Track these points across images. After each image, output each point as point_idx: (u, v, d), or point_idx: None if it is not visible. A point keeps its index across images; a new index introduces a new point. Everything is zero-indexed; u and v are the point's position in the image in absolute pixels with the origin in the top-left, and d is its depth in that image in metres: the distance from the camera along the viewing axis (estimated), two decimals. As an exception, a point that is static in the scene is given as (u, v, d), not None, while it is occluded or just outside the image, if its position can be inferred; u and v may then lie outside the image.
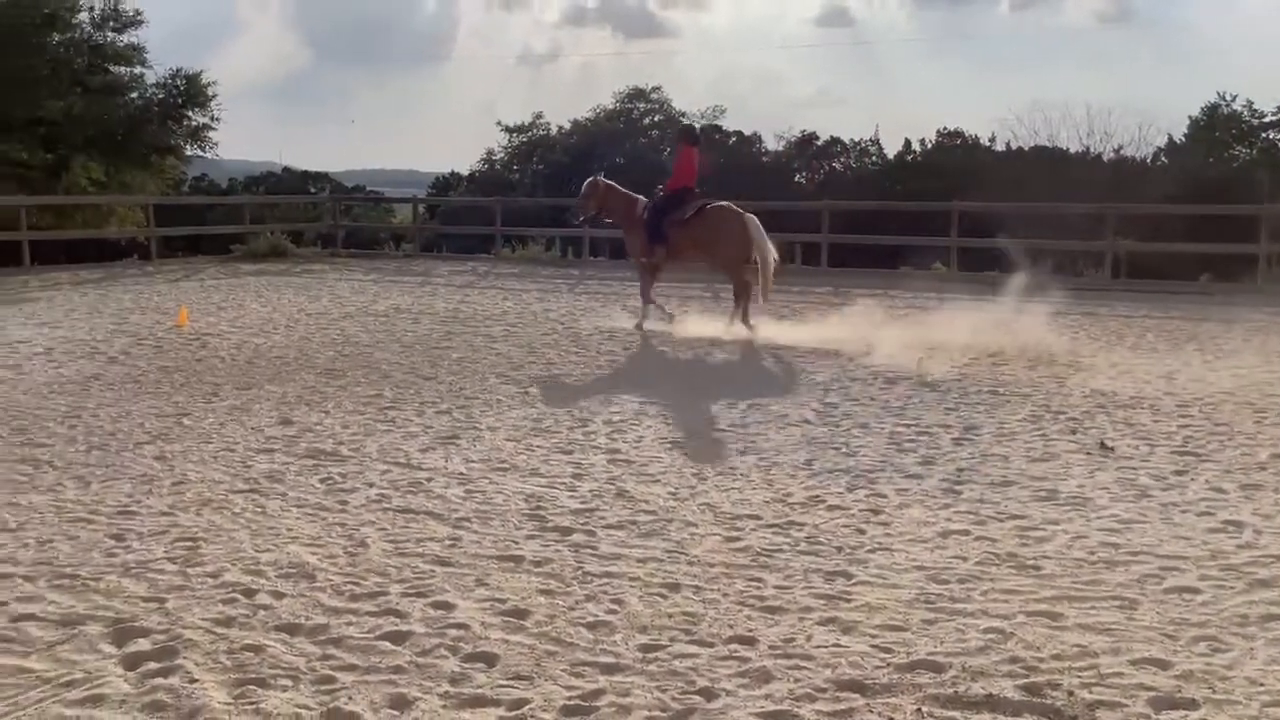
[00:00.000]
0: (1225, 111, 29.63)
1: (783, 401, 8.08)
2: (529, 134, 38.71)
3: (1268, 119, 29.27)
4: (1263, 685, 3.45)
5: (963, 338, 10.67)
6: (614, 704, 3.34)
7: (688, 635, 3.85)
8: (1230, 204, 19.46)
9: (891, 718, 3.28)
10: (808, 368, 9.54)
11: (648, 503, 5.47)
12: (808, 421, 7.42)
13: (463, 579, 4.40)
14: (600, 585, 4.32)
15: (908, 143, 34.62)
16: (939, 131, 34.46)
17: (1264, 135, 29.64)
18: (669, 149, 13.65)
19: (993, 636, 3.82)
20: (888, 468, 6.19)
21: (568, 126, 38.15)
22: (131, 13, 22.98)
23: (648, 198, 12.29)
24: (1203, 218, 19.88)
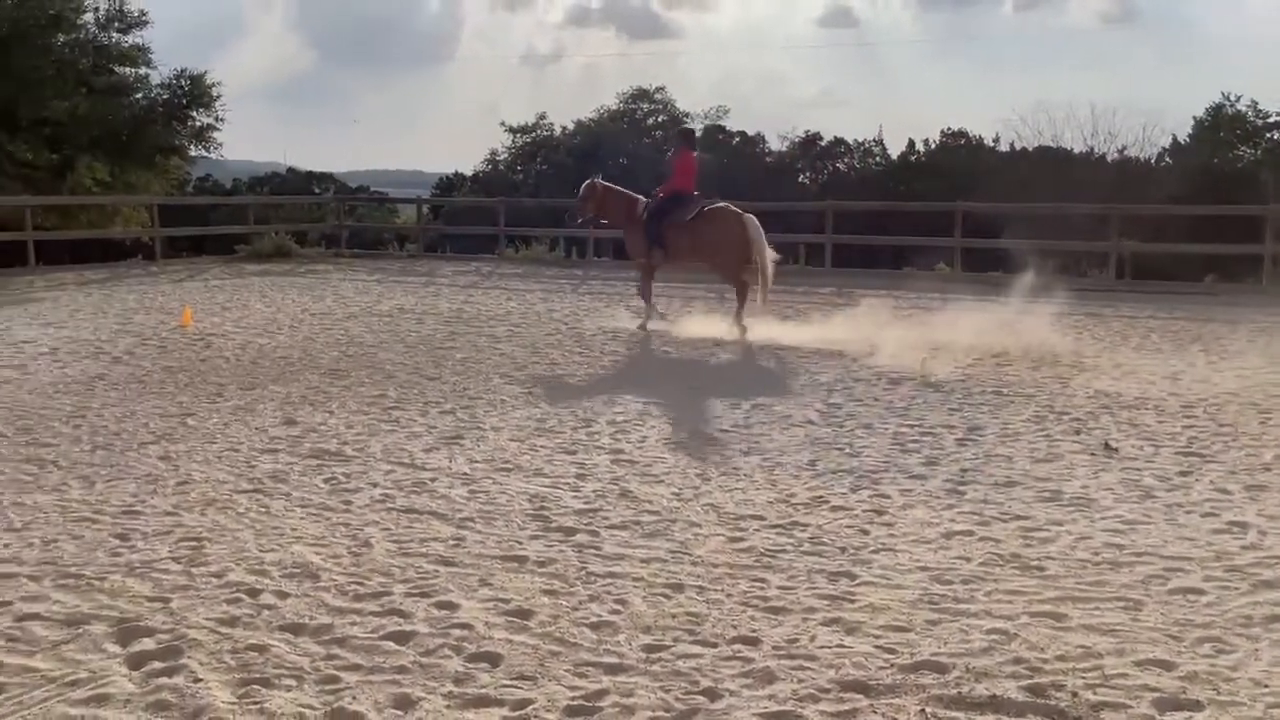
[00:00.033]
0: (1230, 112, 29.57)
1: (786, 402, 8.08)
2: (533, 134, 38.73)
3: (1272, 119, 29.21)
4: (1267, 686, 3.45)
5: (967, 338, 10.65)
6: (617, 704, 3.34)
7: (691, 636, 3.85)
8: (1235, 204, 19.44)
9: (895, 718, 3.28)
10: (811, 368, 9.53)
11: (651, 503, 5.48)
12: (811, 422, 7.41)
13: (466, 579, 4.41)
14: (604, 585, 4.33)
15: (911, 143, 34.61)
16: (943, 132, 34.47)
17: (1269, 135, 29.57)
18: (671, 149, 13.65)
19: (996, 637, 3.82)
20: (891, 468, 6.19)
21: (571, 127, 38.17)
22: (136, 13, 23.05)
23: (648, 199, 12.30)
24: (1207, 218, 19.85)
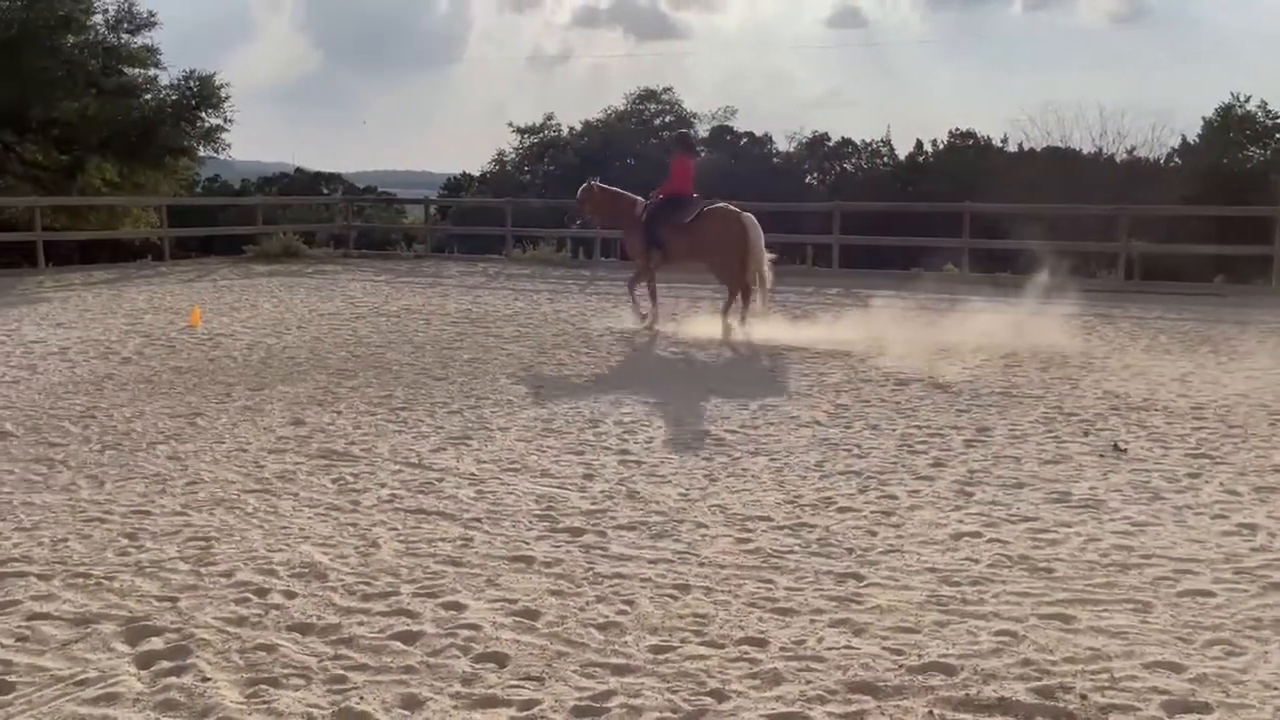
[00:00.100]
0: (1239, 112, 29.48)
1: (794, 403, 8.07)
2: (540, 135, 38.80)
3: (1283, 119, 29.10)
4: (1277, 689, 3.43)
5: (975, 339, 10.64)
6: (625, 705, 3.34)
7: (698, 636, 3.84)
8: (1245, 205, 19.37)
9: (903, 720, 3.27)
10: (819, 369, 9.52)
11: (659, 504, 5.47)
12: (819, 423, 7.40)
13: (474, 579, 4.41)
14: (611, 586, 4.33)
15: (919, 144, 34.62)
16: (951, 132, 34.48)
17: (1278, 136, 29.46)
18: (671, 153, 13.69)
19: (1005, 639, 3.81)
20: (899, 469, 6.18)
21: (579, 127, 38.23)
22: (145, 14, 23.09)
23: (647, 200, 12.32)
24: (1217, 219, 19.80)
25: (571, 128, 38.38)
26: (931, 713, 3.30)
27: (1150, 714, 3.29)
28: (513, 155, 39.27)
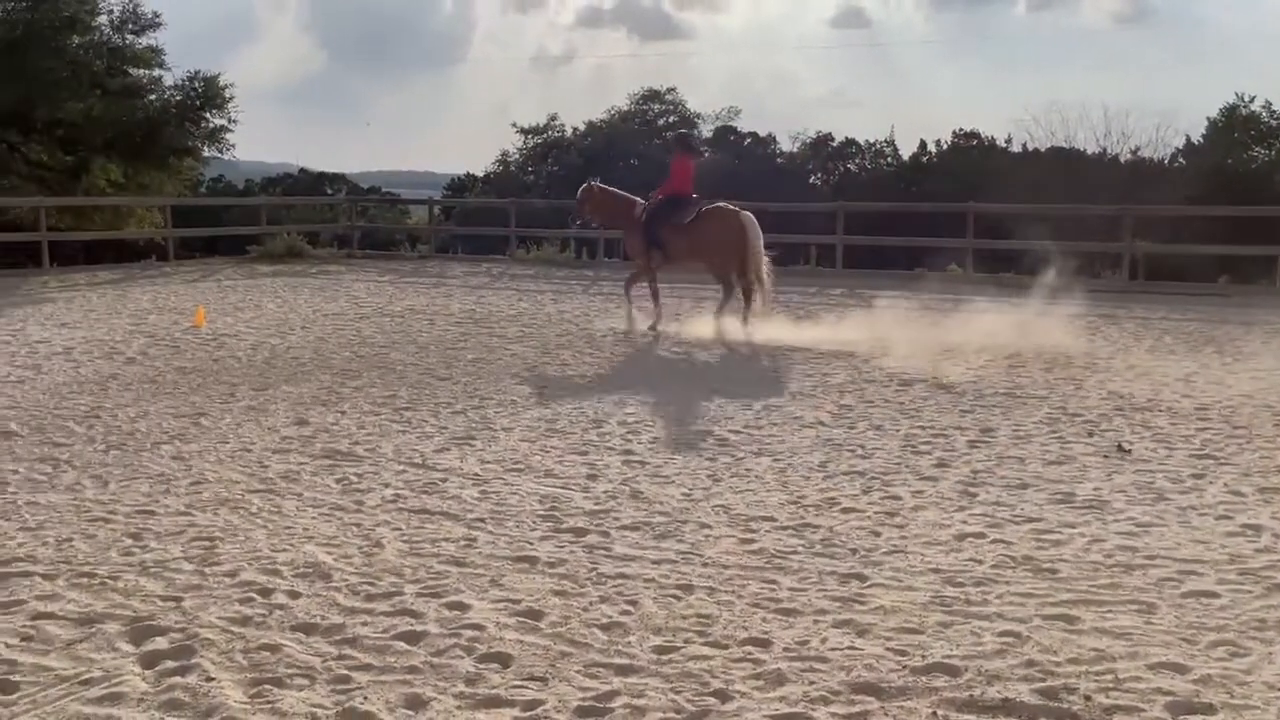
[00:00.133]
0: (1244, 112, 29.39)
1: (797, 403, 8.07)
2: (544, 135, 38.78)
3: (1287, 120, 29.01)
4: (1281, 690, 3.43)
5: (979, 340, 10.63)
6: (628, 705, 3.35)
7: (702, 637, 3.85)
8: (1249, 205, 19.33)
9: (906, 721, 3.27)
10: (823, 369, 9.52)
11: (662, 504, 5.48)
12: (822, 423, 7.40)
13: (478, 580, 4.41)
14: (615, 586, 4.33)
15: (923, 144, 34.54)
16: (955, 132, 34.39)
17: (1284, 136, 29.38)
18: (671, 154, 13.69)
19: (1009, 640, 3.81)
20: (903, 470, 6.17)
21: (583, 128, 38.21)
22: (150, 15, 23.13)
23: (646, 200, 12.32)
24: (1221, 219, 19.75)
25: (575, 128, 38.38)
26: (935, 714, 3.29)
27: (1154, 715, 3.28)
28: (516, 156, 39.26)
